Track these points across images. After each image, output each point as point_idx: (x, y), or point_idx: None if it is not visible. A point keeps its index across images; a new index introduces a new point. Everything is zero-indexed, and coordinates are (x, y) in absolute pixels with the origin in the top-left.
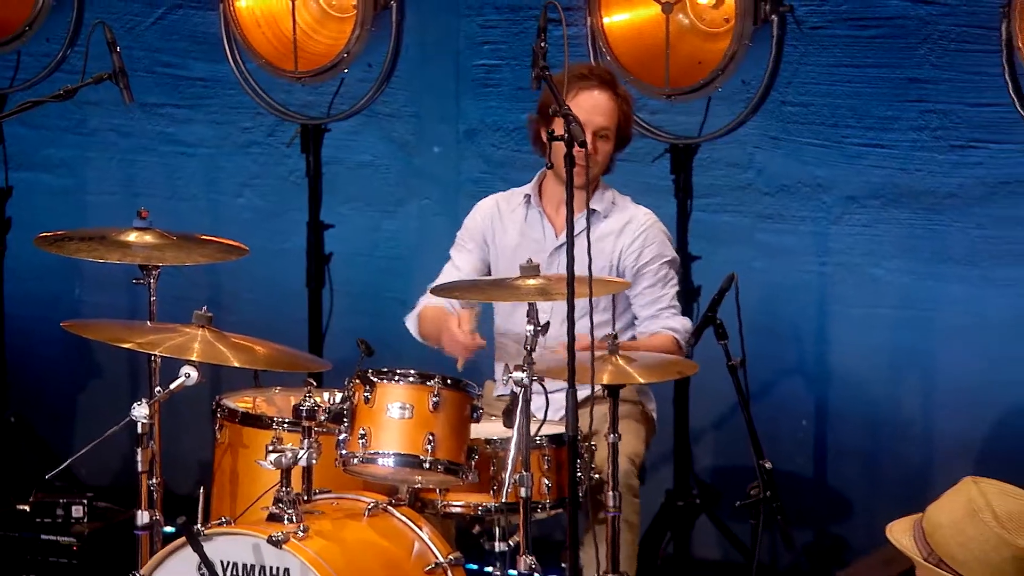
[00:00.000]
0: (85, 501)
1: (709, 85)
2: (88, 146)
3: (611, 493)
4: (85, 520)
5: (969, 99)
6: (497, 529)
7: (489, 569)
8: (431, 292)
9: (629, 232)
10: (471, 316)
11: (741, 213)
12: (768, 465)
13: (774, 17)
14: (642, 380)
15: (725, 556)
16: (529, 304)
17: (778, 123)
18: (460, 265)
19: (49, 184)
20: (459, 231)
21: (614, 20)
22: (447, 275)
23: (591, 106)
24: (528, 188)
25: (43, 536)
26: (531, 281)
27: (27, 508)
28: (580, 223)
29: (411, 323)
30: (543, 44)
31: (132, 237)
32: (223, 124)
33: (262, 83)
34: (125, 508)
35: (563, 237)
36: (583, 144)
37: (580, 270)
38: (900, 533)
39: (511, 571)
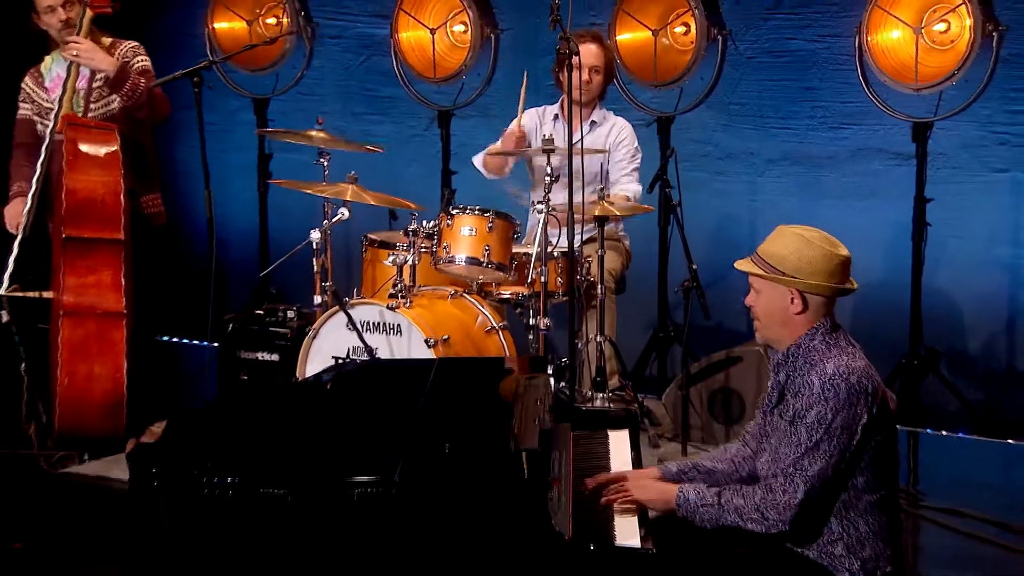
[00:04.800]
0: (295, 308)
1: (680, 80)
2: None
3: (600, 287)
4: (295, 319)
5: (840, 100)
6: (531, 309)
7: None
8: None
9: (614, 131)
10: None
11: (703, 170)
12: (695, 267)
13: (719, 38)
14: (619, 213)
15: None
16: (548, 156)
17: (726, 116)
18: None
19: (295, 159)
20: None
21: (623, 38)
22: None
23: (586, 52)
24: (555, 108)
25: (270, 328)
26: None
27: (261, 312)
28: (585, 128)
29: (478, 160)
30: (556, 3)
31: (312, 135)
32: (399, 124)
33: (421, 92)
34: None
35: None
36: (576, 52)
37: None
38: (748, 267)
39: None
